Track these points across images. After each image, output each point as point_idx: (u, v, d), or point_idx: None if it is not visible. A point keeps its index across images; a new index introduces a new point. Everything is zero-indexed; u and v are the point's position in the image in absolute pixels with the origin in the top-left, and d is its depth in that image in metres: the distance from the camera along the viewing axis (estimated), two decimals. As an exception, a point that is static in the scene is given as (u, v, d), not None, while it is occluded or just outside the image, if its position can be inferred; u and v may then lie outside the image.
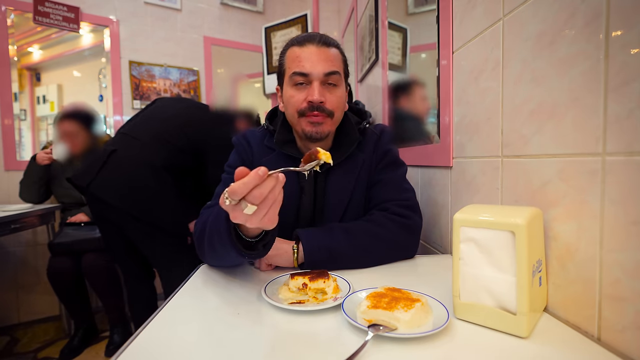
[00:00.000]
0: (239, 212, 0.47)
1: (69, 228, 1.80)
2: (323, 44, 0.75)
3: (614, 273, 0.41)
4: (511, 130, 0.62)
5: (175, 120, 1.46)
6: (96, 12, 2.37)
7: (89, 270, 1.76)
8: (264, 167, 0.46)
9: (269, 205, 0.48)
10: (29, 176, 1.88)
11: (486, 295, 0.47)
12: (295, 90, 0.76)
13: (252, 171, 0.46)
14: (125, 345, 0.43)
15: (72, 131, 1.85)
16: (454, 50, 0.85)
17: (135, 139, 1.41)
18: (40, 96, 2.58)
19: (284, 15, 2.90)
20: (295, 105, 0.76)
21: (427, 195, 1.06)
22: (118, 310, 1.82)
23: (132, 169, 1.33)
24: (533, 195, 0.56)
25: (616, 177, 0.41)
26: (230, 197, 0.46)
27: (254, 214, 0.47)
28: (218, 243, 0.59)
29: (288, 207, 0.78)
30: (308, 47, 0.74)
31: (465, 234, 0.49)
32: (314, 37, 0.75)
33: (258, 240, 0.58)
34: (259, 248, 0.58)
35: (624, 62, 0.40)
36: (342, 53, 0.80)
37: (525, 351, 0.41)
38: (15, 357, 1.80)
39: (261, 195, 0.46)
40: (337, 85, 0.77)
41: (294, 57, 0.75)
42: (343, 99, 0.79)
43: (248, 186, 0.45)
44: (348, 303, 0.51)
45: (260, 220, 0.48)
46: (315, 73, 0.73)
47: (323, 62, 0.74)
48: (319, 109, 0.74)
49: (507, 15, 0.62)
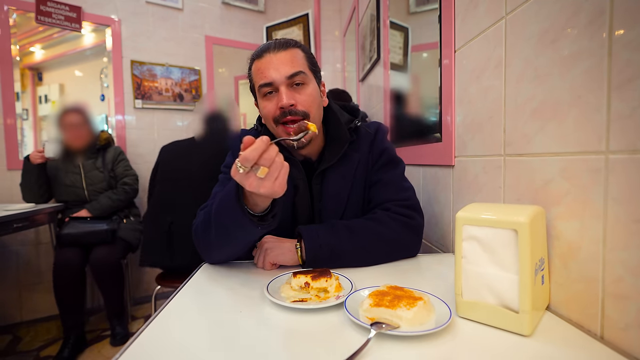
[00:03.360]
0: (252, 179, 0.54)
1: (75, 222, 1.81)
2: (279, 48, 0.75)
3: (617, 271, 0.41)
4: (513, 129, 0.62)
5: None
6: (98, 11, 2.37)
7: (98, 262, 1.77)
8: (266, 136, 0.53)
9: (278, 168, 0.54)
10: (27, 177, 1.88)
11: (488, 293, 0.47)
12: (266, 101, 0.76)
13: (257, 139, 0.52)
14: (129, 342, 0.44)
15: (76, 123, 1.87)
16: (456, 49, 0.84)
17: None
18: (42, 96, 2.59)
19: (286, 14, 2.90)
20: (269, 114, 0.76)
21: (429, 194, 1.06)
22: (119, 304, 1.86)
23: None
24: (535, 193, 0.56)
25: (619, 175, 0.41)
26: (242, 165, 0.52)
27: (266, 177, 0.53)
28: (230, 221, 0.63)
29: (283, 205, 0.78)
30: (266, 56, 0.75)
31: (468, 233, 0.49)
32: (270, 45, 0.76)
33: (267, 213, 0.64)
34: (268, 219, 0.64)
35: (627, 60, 0.40)
36: (305, 50, 0.79)
37: (527, 349, 0.41)
38: (18, 355, 1.81)
39: (270, 158, 0.53)
40: (305, 83, 0.76)
41: (257, 71, 0.76)
42: (315, 96, 0.77)
43: (258, 151, 0.51)
44: (350, 301, 0.51)
45: (272, 184, 0.54)
46: (278, 78, 0.73)
47: (282, 65, 0.73)
48: (292, 113, 0.73)
49: (509, 14, 0.62)
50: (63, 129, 1.86)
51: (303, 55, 0.78)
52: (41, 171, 1.88)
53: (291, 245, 0.73)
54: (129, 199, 2.02)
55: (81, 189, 1.94)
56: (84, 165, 1.96)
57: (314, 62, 0.81)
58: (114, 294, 1.84)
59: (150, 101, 2.53)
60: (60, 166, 1.93)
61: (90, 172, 1.96)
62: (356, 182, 0.84)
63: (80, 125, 1.89)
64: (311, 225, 0.76)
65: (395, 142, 1.38)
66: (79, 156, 1.95)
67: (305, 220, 0.83)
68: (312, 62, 0.80)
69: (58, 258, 1.75)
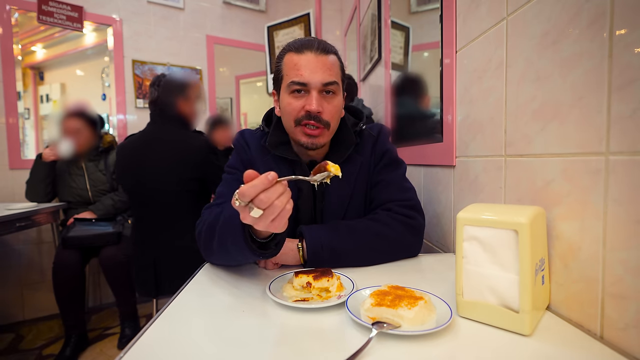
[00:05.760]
0: (246, 214, 0.49)
1: (80, 224, 1.82)
2: (322, 51, 0.73)
3: (617, 271, 0.42)
4: (514, 130, 0.62)
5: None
6: (99, 11, 2.38)
7: (107, 262, 1.78)
8: (274, 173, 0.48)
9: (276, 211, 0.48)
10: (35, 174, 1.89)
11: (489, 293, 0.47)
12: (292, 98, 0.74)
13: (261, 175, 0.47)
14: (133, 341, 0.44)
15: (76, 128, 1.88)
16: (458, 49, 0.85)
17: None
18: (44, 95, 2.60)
19: (287, 14, 2.90)
20: (292, 113, 0.75)
21: (430, 194, 1.06)
22: (130, 305, 1.87)
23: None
24: (536, 194, 0.56)
25: (619, 176, 0.41)
26: (239, 199, 0.47)
27: (260, 217, 0.48)
28: (231, 244, 0.60)
29: None
30: (306, 54, 0.73)
31: (469, 233, 0.49)
32: (312, 43, 0.74)
33: (270, 240, 0.61)
34: (271, 247, 0.61)
35: (627, 62, 0.40)
36: (340, 59, 0.79)
37: (527, 348, 0.41)
38: (20, 354, 1.81)
39: (268, 199, 0.47)
40: (335, 93, 0.75)
41: (292, 65, 0.74)
42: (340, 108, 0.78)
43: (256, 189, 0.47)
44: (352, 301, 0.52)
45: (267, 225, 0.50)
46: (313, 83, 0.72)
47: (321, 71, 0.72)
48: (316, 119, 0.73)
49: (511, 15, 0.62)
50: (64, 134, 1.87)
51: (339, 65, 0.77)
52: (50, 169, 1.90)
53: (293, 245, 0.73)
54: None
55: (85, 191, 1.96)
56: (87, 167, 1.98)
57: (344, 71, 0.81)
58: (125, 294, 1.84)
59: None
60: (64, 167, 1.95)
61: (93, 174, 1.98)
62: (358, 183, 0.84)
63: (81, 130, 1.89)
64: (313, 225, 0.77)
65: (397, 142, 1.38)
66: (81, 158, 1.96)
67: (307, 220, 0.83)
68: (343, 72, 0.80)
69: (58, 257, 1.76)
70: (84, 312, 1.85)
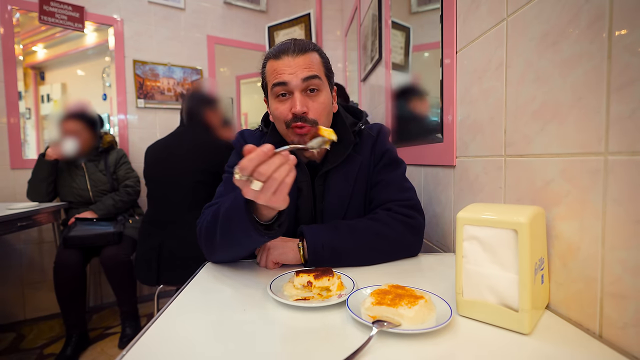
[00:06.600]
0: (248, 188, 0.51)
1: (81, 223, 1.82)
2: (298, 52, 0.74)
3: (616, 271, 0.42)
4: (514, 130, 0.62)
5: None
6: (100, 11, 2.38)
7: (109, 262, 1.79)
8: (270, 145, 0.50)
9: (275, 184, 0.50)
10: (38, 174, 1.90)
11: (489, 292, 0.47)
12: (278, 102, 0.76)
13: (258, 148, 0.49)
14: (134, 340, 0.44)
15: (75, 130, 1.88)
16: (458, 50, 0.85)
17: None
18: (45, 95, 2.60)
19: (287, 14, 2.91)
20: (280, 117, 0.76)
21: (430, 194, 1.06)
22: (131, 304, 1.88)
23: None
24: (536, 194, 0.56)
25: (618, 176, 0.41)
26: (240, 173, 0.50)
27: (262, 190, 0.50)
28: (236, 228, 0.62)
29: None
30: (283, 59, 0.74)
31: (469, 233, 0.49)
32: (288, 47, 0.75)
33: (273, 222, 0.63)
34: (274, 228, 0.63)
35: (626, 63, 0.40)
36: (322, 55, 0.79)
37: (527, 347, 0.42)
38: (21, 353, 1.82)
39: (266, 171, 0.49)
40: (319, 89, 0.76)
41: (272, 70, 0.75)
42: (327, 104, 0.78)
43: (253, 162, 0.49)
44: (352, 300, 0.52)
45: (269, 198, 0.52)
46: (294, 82, 0.73)
47: (300, 69, 0.73)
48: (302, 119, 0.74)
49: (511, 16, 0.63)
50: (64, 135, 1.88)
51: (320, 60, 0.78)
52: (52, 169, 1.91)
53: (293, 244, 0.74)
54: (131, 200, 2.05)
55: (86, 191, 1.97)
56: (88, 168, 1.99)
57: (329, 67, 0.81)
58: (126, 294, 1.85)
59: (152, 101, 2.54)
60: (64, 167, 1.96)
61: (93, 174, 1.99)
62: (358, 183, 0.85)
63: (80, 132, 1.90)
64: (313, 225, 0.77)
65: (397, 142, 1.39)
66: (81, 158, 1.97)
67: (307, 220, 0.84)
68: (328, 68, 0.80)
69: (59, 257, 1.76)
70: (84, 312, 1.85)
